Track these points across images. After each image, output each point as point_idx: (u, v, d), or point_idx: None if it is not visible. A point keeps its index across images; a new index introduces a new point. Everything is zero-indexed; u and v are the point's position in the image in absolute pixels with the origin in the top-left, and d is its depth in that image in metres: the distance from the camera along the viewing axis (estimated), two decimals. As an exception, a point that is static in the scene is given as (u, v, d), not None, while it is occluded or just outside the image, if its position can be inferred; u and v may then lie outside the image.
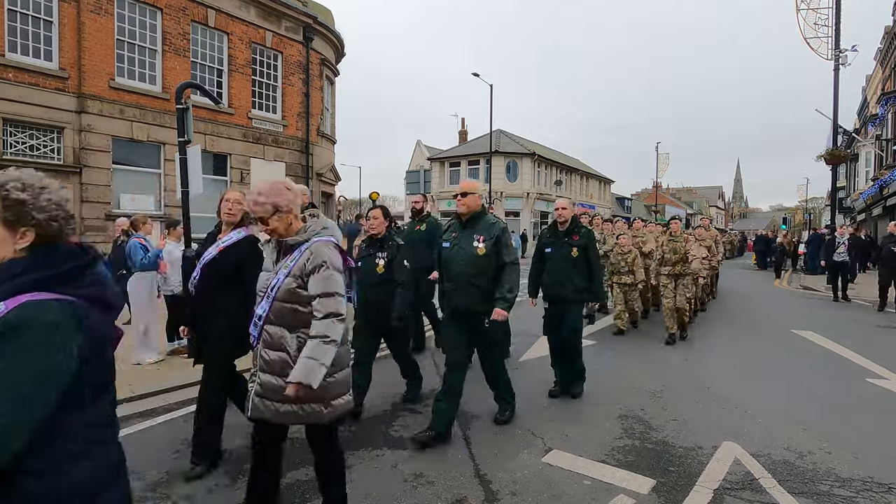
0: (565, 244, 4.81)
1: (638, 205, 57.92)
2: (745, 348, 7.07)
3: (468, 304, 3.77)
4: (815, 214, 55.82)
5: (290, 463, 3.40)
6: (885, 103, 21.21)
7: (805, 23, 15.85)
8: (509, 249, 3.79)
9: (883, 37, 23.67)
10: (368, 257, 4.34)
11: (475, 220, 3.83)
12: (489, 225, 3.82)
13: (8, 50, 9.85)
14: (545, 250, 4.95)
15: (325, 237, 2.39)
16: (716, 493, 3.06)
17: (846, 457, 3.58)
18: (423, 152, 37.22)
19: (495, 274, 3.76)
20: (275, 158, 14.78)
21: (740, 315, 9.96)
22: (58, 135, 10.63)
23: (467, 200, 3.81)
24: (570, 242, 4.79)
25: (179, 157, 6.08)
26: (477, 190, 3.91)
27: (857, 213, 28.44)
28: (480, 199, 3.91)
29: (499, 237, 3.75)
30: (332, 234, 2.44)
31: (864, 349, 6.80)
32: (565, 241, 4.82)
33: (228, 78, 13.53)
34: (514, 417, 4.28)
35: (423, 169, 36.21)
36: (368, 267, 4.30)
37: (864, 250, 16.67)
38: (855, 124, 31.01)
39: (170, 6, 12.18)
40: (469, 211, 3.83)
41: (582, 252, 4.74)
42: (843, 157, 17.55)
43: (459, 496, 3.03)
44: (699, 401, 4.78)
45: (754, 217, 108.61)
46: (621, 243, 7.85)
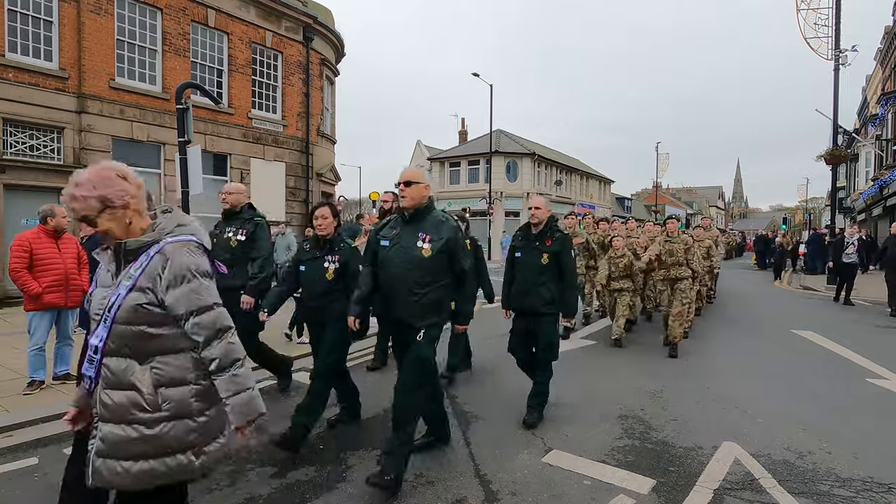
0: (536, 249, 4.21)
1: (638, 205, 57.92)
2: (745, 348, 7.07)
3: (402, 315, 3.20)
4: (815, 214, 55.81)
5: (290, 463, 3.41)
6: (885, 103, 21.21)
7: (805, 23, 15.87)
8: (465, 254, 3.28)
9: (883, 37, 23.67)
10: (314, 261, 3.81)
11: (420, 216, 3.25)
12: (437, 223, 3.24)
13: (8, 50, 9.85)
14: (515, 255, 4.38)
15: (183, 236, 1.81)
16: (716, 493, 3.06)
17: (846, 457, 3.58)
18: (423, 152, 37.21)
19: (444, 281, 3.22)
20: (275, 158, 14.78)
21: (740, 315, 9.96)
22: (58, 135, 10.63)
23: (410, 191, 3.21)
24: (541, 247, 4.20)
25: (179, 157, 6.10)
26: (422, 179, 3.30)
27: (857, 214, 28.42)
28: (428, 191, 3.30)
29: (450, 239, 3.18)
30: (191, 232, 1.85)
31: (864, 349, 6.80)
32: (536, 246, 4.22)
33: (228, 78, 13.53)
34: (515, 417, 4.28)
35: (424, 169, 36.27)
36: (315, 273, 3.79)
37: (866, 251, 16.61)
38: (855, 124, 31.00)
39: (170, 6, 12.17)
40: (413, 204, 3.24)
41: (554, 258, 4.15)
42: (843, 157, 17.54)
43: (459, 496, 3.03)
44: (699, 401, 4.78)
45: (754, 217, 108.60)
46: (614, 246, 7.24)
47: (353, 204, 45.48)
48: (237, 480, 3.18)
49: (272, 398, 4.72)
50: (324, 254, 3.80)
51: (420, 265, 3.15)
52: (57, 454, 3.52)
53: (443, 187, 33.46)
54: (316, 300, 3.81)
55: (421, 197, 3.27)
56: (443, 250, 3.17)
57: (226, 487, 3.10)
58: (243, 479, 3.20)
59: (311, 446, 3.70)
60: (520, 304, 4.28)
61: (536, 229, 4.28)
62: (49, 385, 4.78)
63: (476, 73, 25.90)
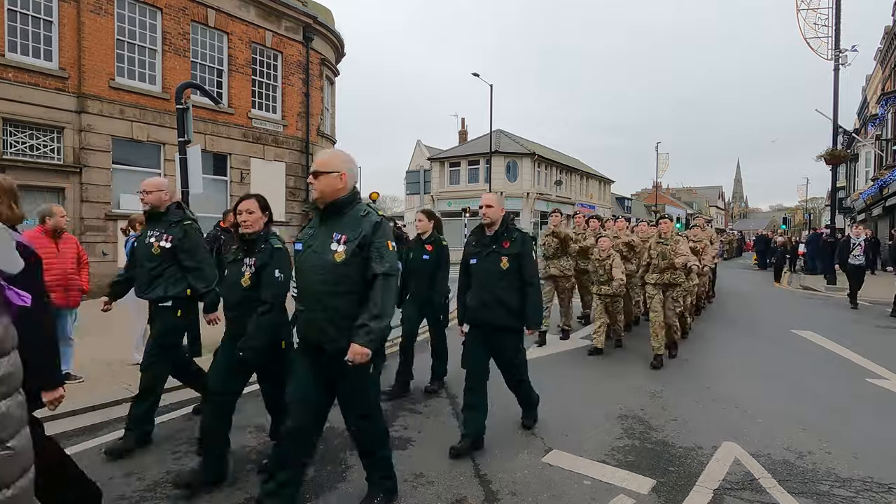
0: (494, 253, 3.70)
1: (638, 205, 57.94)
2: (744, 348, 7.07)
3: (318, 336, 2.62)
4: (815, 214, 55.83)
5: (290, 463, 3.40)
6: (885, 103, 21.21)
7: (805, 23, 15.87)
8: (382, 254, 2.59)
9: (883, 37, 23.67)
10: (234, 264, 3.25)
11: (337, 212, 2.66)
12: (357, 219, 2.64)
13: (8, 50, 9.85)
14: (469, 262, 3.84)
15: None
16: (716, 493, 3.06)
17: (846, 457, 3.58)
18: (423, 152, 37.23)
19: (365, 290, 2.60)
20: (275, 158, 14.78)
21: (740, 315, 9.96)
22: (58, 135, 10.62)
23: (320, 183, 2.62)
24: (498, 251, 3.69)
25: (179, 157, 6.09)
26: (337, 168, 2.64)
27: (856, 214, 28.43)
28: (344, 181, 2.65)
29: (367, 236, 2.59)
30: None
31: (864, 349, 6.80)
32: (493, 250, 3.71)
33: (228, 78, 13.53)
34: (515, 417, 4.28)
35: (423, 169, 36.20)
36: (232, 277, 3.20)
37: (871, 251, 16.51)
38: (855, 124, 31.01)
39: (170, 6, 12.17)
40: (324, 198, 2.65)
41: (514, 262, 3.67)
42: (843, 157, 17.55)
43: (459, 496, 3.03)
44: (699, 401, 4.78)
45: (754, 217, 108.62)
46: (600, 246, 6.76)
47: (353, 204, 45.42)
48: (237, 480, 3.18)
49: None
50: (244, 256, 3.21)
51: (334, 272, 2.56)
52: (57, 454, 3.52)
53: (443, 187, 33.48)
54: (231, 310, 3.21)
55: (334, 189, 2.64)
56: (357, 253, 2.57)
57: (226, 487, 3.10)
58: (243, 479, 3.20)
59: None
60: (477, 316, 3.72)
61: (491, 230, 3.78)
62: (49, 385, 4.77)
63: (476, 73, 25.90)
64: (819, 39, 15.67)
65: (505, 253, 3.68)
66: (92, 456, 3.53)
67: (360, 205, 2.74)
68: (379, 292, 2.56)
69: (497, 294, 3.65)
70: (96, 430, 3.96)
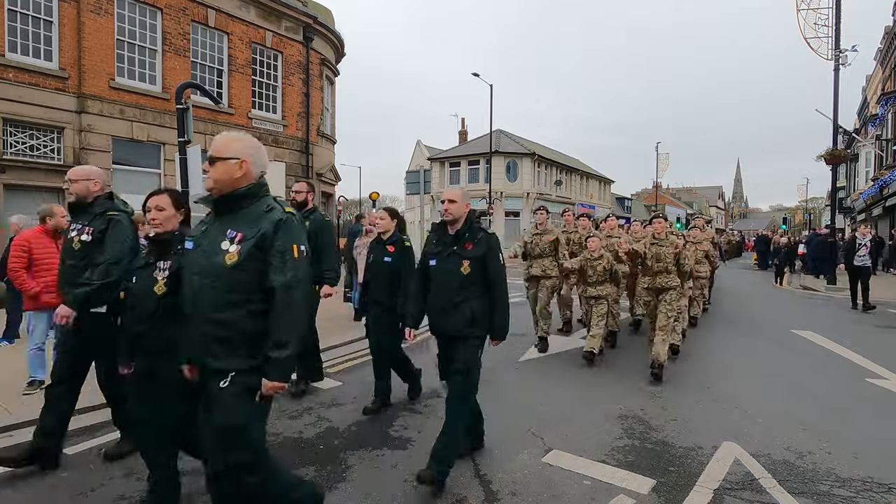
0: (454, 255, 3.29)
1: (638, 205, 57.94)
2: (744, 348, 7.06)
3: (202, 354, 2.17)
4: (815, 214, 55.86)
5: (291, 463, 3.41)
6: (885, 103, 21.22)
7: (805, 23, 15.85)
8: (285, 260, 2.14)
9: (883, 37, 23.68)
10: (145, 269, 2.75)
11: (234, 206, 2.22)
12: (257, 215, 2.20)
13: (8, 50, 9.85)
14: (429, 263, 3.43)
15: None
16: (716, 493, 3.06)
17: (846, 457, 3.58)
18: (423, 152, 37.23)
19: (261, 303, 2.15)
20: (275, 158, 14.78)
21: (740, 315, 9.96)
22: (58, 135, 10.63)
23: (216, 171, 2.21)
24: (459, 253, 3.28)
25: (179, 157, 6.10)
26: (237, 153, 2.21)
27: (857, 214, 28.44)
28: (244, 169, 2.21)
29: (266, 235, 2.14)
30: None
31: (864, 349, 6.80)
32: (454, 251, 3.30)
33: (228, 78, 13.53)
34: (515, 417, 4.28)
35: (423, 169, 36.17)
36: (143, 285, 2.71)
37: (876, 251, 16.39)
38: (855, 124, 31.02)
39: (170, 6, 12.17)
40: (219, 188, 2.22)
41: (477, 266, 3.25)
42: (843, 157, 17.54)
43: (459, 496, 3.03)
44: (699, 401, 4.78)
45: (754, 217, 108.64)
46: (590, 247, 6.36)
47: (353, 204, 45.51)
48: (237, 480, 3.17)
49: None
50: (156, 259, 2.73)
51: (224, 277, 2.11)
52: (57, 454, 3.52)
53: (443, 187, 33.45)
54: (143, 323, 2.67)
55: (231, 178, 2.20)
56: (255, 255, 2.12)
57: (226, 487, 3.10)
58: (243, 479, 3.20)
59: (312, 446, 3.70)
60: (437, 324, 3.41)
61: (453, 229, 3.35)
62: (49, 385, 4.77)
63: (476, 73, 25.91)
64: (819, 39, 15.66)
65: (467, 255, 3.26)
66: (92, 456, 3.53)
67: (266, 199, 2.28)
68: (279, 311, 2.11)
69: (455, 300, 3.25)
70: (95, 431, 3.96)
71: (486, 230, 3.43)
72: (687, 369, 5.89)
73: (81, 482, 3.15)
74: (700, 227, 9.13)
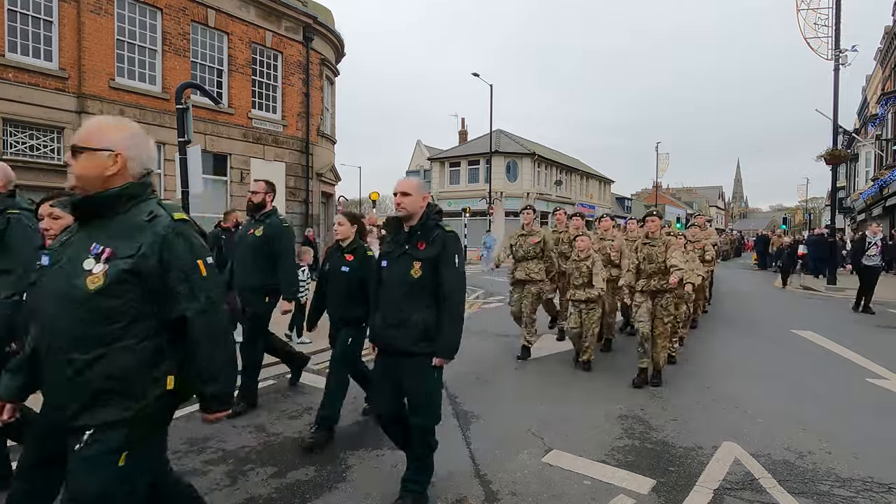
0: (405, 256, 2.82)
1: (638, 205, 57.91)
2: (744, 348, 7.06)
3: (63, 403, 1.67)
4: (815, 214, 55.88)
5: (291, 463, 3.41)
6: (885, 103, 21.23)
7: (805, 23, 15.86)
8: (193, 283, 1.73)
9: (883, 37, 23.69)
10: None
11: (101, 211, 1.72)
12: (135, 225, 1.71)
13: (8, 50, 9.85)
14: (381, 265, 2.98)
15: None
16: (716, 493, 3.06)
17: (846, 457, 3.58)
18: (423, 152, 37.24)
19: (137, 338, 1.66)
20: (275, 158, 14.78)
21: (740, 315, 9.96)
22: (58, 135, 10.63)
23: (79, 165, 1.72)
24: (411, 253, 2.81)
25: (179, 157, 6.10)
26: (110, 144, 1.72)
27: (857, 214, 28.45)
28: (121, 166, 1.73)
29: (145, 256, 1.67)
30: None
31: (864, 349, 6.80)
32: (405, 251, 2.83)
33: (228, 78, 13.53)
34: (515, 417, 4.28)
35: (423, 169, 36.27)
36: None
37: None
38: (855, 124, 31.03)
39: (170, 6, 12.17)
40: (83, 187, 1.74)
41: (429, 270, 2.77)
42: (843, 157, 17.54)
43: (459, 496, 3.03)
44: (699, 401, 4.78)
45: (754, 217, 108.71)
46: (577, 247, 5.96)
47: (353, 204, 45.56)
48: (237, 480, 3.18)
49: (273, 398, 4.72)
50: None
51: (86, 305, 1.61)
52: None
53: (443, 187, 33.48)
54: None
55: (101, 175, 1.71)
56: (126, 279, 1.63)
57: (226, 487, 3.10)
58: (243, 479, 3.20)
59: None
60: (382, 337, 2.90)
61: (408, 226, 2.89)
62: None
63: (476, 73, 25.90)
64: (819, 39, 15.66)
65: (419, 256, 2.79)
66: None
67: (148, 203, 1.76)
68: (201, 343, 1.74)
69: (403, 309, 2.79)
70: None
71: (444, 227, 2.88)
72: (687, 369, 5.89)
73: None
74: (700, 227, 8.72)
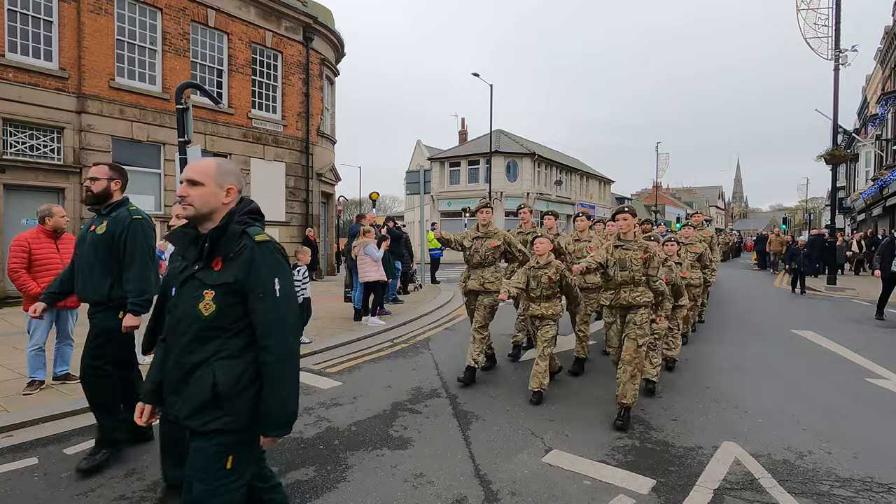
0: (193, 280, 1.86)
1: (638, 205, 57.92)
2: (744, 348, 7.06)
3: None
4: (815, 214, 55.89)
5: (291, 463, 3.41)
6: (885, 103, 21.22)
7: (805, 23, 15.86)
8: None
9: (883, 37, 23.69)
10: None
11: None
12: None
13: (8, 50, 9.85)
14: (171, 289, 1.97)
15: None
16: (716, 493, 3.06)
17: (846, 457, 3.58)
18: (423, 152, 37.20)
19: None
20: (275, 158, 14.78)
21: (740, 315, 9.95)
22: (58, 135, 10.62)
23: None
24: (201, 277, 1.84)
25: (179, 157, 6.10)
26: None
27: (857, 214, 28.44)
28: None
29: None
30: None
31: (864, 349, 6.80)
32: (194, 273, 1.86)
33: (228, 78, 13.53)
34: (515, 417, 4.28)
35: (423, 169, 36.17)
36: None
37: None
38: (855, 124, 31.04)
39: (170, 6, 12.17)
40: None
41: (229, 302, 1.82)
42: (843, 157, 17.53)
43: (459, 496, 3.03)
44: (699, 401, 4.78)
45: (754, 217, 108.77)
46: (536, 250, 4.99)
47: (353, 204, 45.52)
48: (237, 480, 3.17)
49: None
50: None
51: None
52: (57, 454, 3.52)
53: (443, 187, 33.46)
54: None
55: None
56: None
57: (226, 487, 3.09)
58: (243, 479, 3.20)
59: (312, 446, 3.70)
60: (165, 400, 1.94)
61: (205, 230, 1.88)
62: (49, 385, 4.77)
63: (476, 73, 25.92)
64: (819, 39, 15.67)
65: (213, 283, 1.80)
66: (92, 456, 3.52)
67: None
68: None
69: (185, 360, 1.83)
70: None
71: (253, 234, 1.86)
72: (687, 369, 5.89)
73: (81, 482, 3.15)
74: (697, 225, 7.90)
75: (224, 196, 1.89)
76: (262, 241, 1.86)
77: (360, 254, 7.94)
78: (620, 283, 4.34)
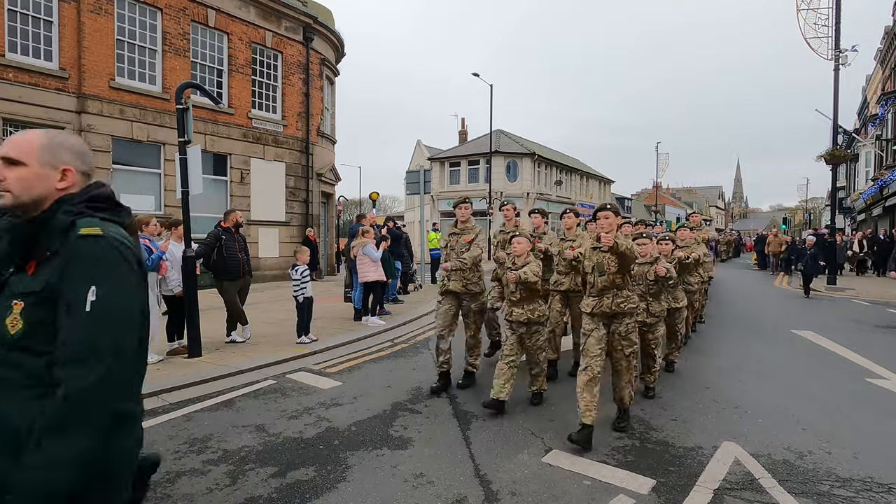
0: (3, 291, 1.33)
1: (638, 205, 57.94)
2: (744, 348, 7.06)
3: None
4: (815, 214, 55.88)
5: (291, 463, 3.41)
6: (885, 103, 21.23)
7: (805, 23, 15.85)
8: None
9: (883, 37, 23.70)
10: None
11: None
12: None
13: (8, 50, 9.85)
14: None
15: None
16: (716, 493, 3.06)
17: (846, 457, 3.58)
18: (423, 152, 37.21)
19: None
20: (275, 158, 14.78)
21: (740, 315, 9.95)
22: (58, 135, 10.63)
23: None
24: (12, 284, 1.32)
25: (179, 157, 6.09)
26: None
27: (857, 214, 28.44)
28: None
29: None
30: None
31: (864, 349, 6.80)
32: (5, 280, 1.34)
33: (228, 78, 13.53)
34: (515, 417, 4.28)
35: (423, 169, 36.17)
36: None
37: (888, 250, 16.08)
38: (855, 124, 31.05)
39: (170, 6, 12.17)
40: None
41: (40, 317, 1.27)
42: (843, 157, 17.53)
43: (459, 496, 3.03)
44: (699, 401, 4.78)
45: (754, 217, 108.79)
46: (514, 250, 4.53)
47: (353, 204, 45.53)
48: (237, 480, 3.18)
49: (268, 398, 4.73)
50: None
51: None
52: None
53: (443, 187, 33.46)
54: None
55: None
56: None
57: (226, 487, 3.10)
58: (243, 479, 3.20)
59: (312, 446, 3.70)
60: None
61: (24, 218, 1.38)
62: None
63: (476, 73, 25.94)
64: (819, 39, 15.66)
65: (22, 291, 1.31)
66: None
67: None
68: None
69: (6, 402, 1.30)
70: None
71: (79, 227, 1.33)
72: (687, 369, 5.89)
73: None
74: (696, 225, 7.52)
75: (57, 179, 1.39)
76: (89, 234, 1.32)
77: (359, 254, 7.95)
78: (602, 288, 3.91)
